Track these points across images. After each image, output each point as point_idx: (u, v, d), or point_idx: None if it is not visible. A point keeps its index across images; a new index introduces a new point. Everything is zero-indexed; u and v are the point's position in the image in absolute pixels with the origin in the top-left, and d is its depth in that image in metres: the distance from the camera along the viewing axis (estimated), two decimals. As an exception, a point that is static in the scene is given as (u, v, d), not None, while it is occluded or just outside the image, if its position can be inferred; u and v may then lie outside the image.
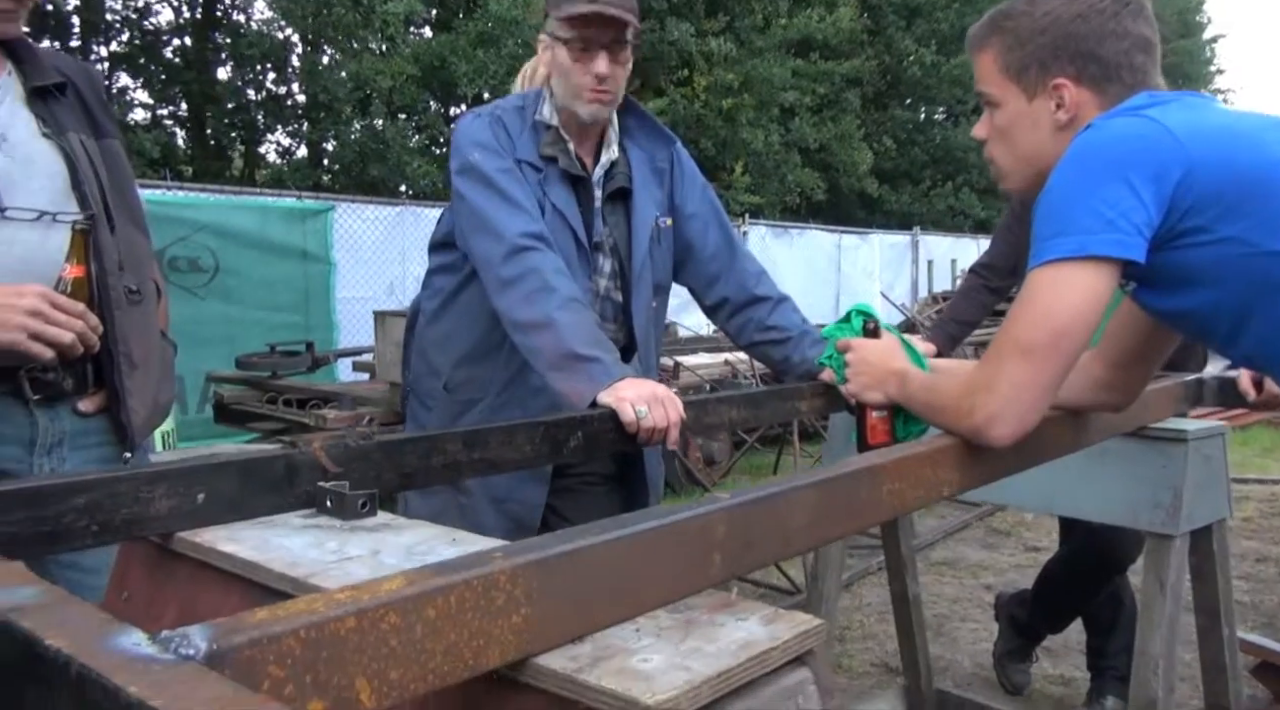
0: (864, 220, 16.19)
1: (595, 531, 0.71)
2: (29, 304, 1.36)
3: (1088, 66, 1.21)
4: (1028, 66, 1.23)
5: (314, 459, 1.12)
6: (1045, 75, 1.22)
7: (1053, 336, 1.08)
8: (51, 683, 0.47)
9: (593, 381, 1.49)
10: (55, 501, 0.90)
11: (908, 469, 1.07)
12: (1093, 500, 1.80)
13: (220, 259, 6.94)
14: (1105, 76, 1.21)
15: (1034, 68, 1.23)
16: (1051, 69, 1.22)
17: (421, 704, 0.71)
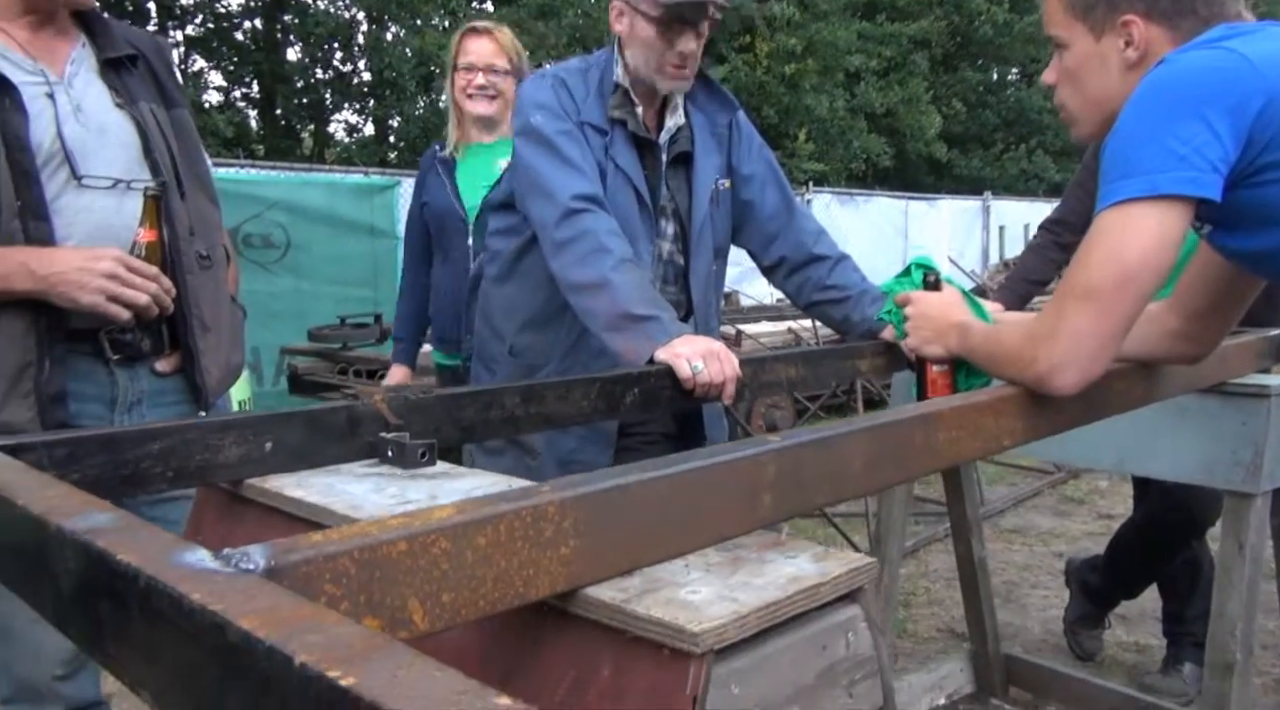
0: (932, 186, 15.80)
1: (643, 469, 0.71)
2: (106, 267, 1.41)
3: (1158, 1, 1.16)
4: (1094, 4, 1.18)
5: (375, 411, 1.15)
6: (1113, 12, 1.17)
7: (1119, 280, 1.04)
8: (123, 595, 0.49)
9: (649, 340, 1.50)
10: (132, 447, 0.95)
11: (967, 417, 1.05)
12: (1167, 458, 1.74)
13: (291, 235, 7.12)
14: (1177, 10, 1.16)
15: (1101, 5, 1.18)
16: (1120, 5, 1.17)
17: (477, 631, 0.73)
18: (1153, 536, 2.47)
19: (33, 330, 1.42)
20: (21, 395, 1.42)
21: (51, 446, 0.89)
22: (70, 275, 1.40)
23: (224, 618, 0.42)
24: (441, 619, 0.58)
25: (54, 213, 1.44)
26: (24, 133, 1.43)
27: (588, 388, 1.40)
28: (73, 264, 1.41)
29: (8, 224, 1.40)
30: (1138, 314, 1.08)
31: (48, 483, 0.67)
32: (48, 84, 1.49)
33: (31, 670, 1.47)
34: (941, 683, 2.56)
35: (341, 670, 0.36)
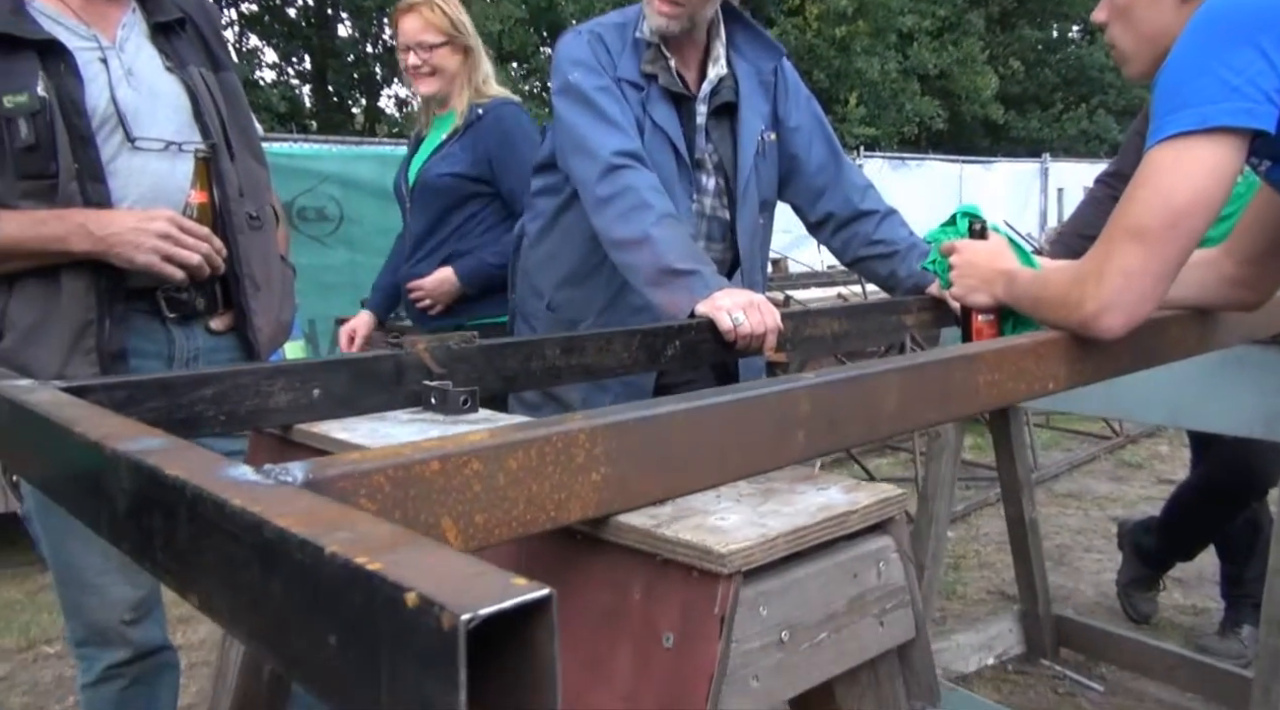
0: (988, 149, 15.41)
1: (676, 401, 0.72)
2: (160, 227, 1.46)
3: None
4: None
5: (419, 360, 1.17)
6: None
7: (1169, 218, 1.02)
8: (172, 506, 0.52)
9: (690, 293, 1.50)
10: (187, 391, 0.98)
11: (1008, 360, 1.03)
12: (1224, 412, 1.70)
13: (344, 208, 7.23)
14: None
15: None
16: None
17: (514, 559, 0.75)
18: (1211, 496, 2.41)
19: (93, 289, 1.48)
20: (84, 353, 1.48)
21: (111, 389, 0.93)
22: (126, 235, 1.44)
23: (262, 517, 0.44)
24: (475, 538, 0.60)
25: (110, 175, 1.49)
26: (80, 97, 1.47)
27: (628, 340, 1.41)
28: (128, 224, 1.45)
29: (66, 186, 1.45)
30: (1188, 254, 1.05)
31: (105, 415, 0.71)
32: (100, 49, 1.53)
33: (101, 615, 1.54)
34: (991, 643, 2.55)
35: (368, 557, 0.37)
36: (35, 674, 2.64)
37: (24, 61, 1.44)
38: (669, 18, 1.72)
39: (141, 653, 1.58)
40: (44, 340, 1.47)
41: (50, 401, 0.76)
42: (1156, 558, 2.68)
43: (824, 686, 0.70)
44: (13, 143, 1.43)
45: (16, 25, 1.45)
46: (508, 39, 10.08)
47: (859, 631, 0.70)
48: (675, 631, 0.64)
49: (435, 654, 0.33)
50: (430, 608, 0.33)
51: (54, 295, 1.47)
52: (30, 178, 1.45)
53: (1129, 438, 4.87)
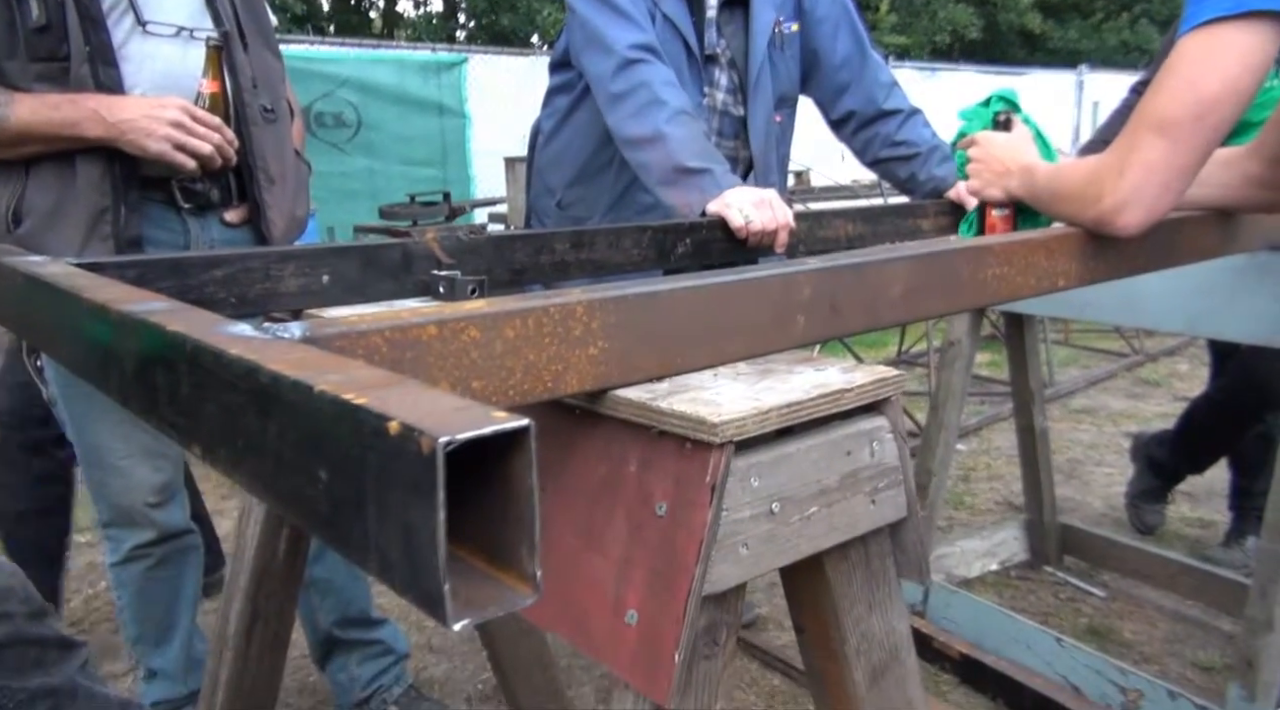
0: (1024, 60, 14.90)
1: (675, 281, 0.72)
2: (171, 115, 1.45)
3: None
4: None
5: (428, 250, 1.17)
6: None
7: (1197, 109, 0.98)
8: (173, 361, 0.53)
9: (702, 192, 1.49)
10: (198, 272, 1.00)
11: (1018, 254, 1.02)
12: (1242, 319, 1.68)
13: (362, 114, 7.16)
14: None
15: None
16: None
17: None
18: (1226, 409, 2.41)
19: (108, 176, 1.48)
20: (100, 239, 1.49)
21: (123, 267, 0.94)
22: (139, 122, 1.44)
23: (256, 363, 0.45)
24: (472, 404, 0.61)
25: (122, 59, 1.48)
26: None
27: (638, 236, 1.40)
28: (141, 111, 1.45)
29: (77, 70, 1.44)
30: (1214, 147, 1.02)
31: (113, 284, 0.72)
32: None
33: (126, 497, 1.60)
34: (995, 549, 2.59)
35: (356, 393, 0.39)
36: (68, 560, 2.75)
37: None
38: None
39: (166, 534, 1.64)
40: (60, 225, 1.49)
41: (62, 273, 0.77)
42: (1168, 469, 2.69)
43: (814, 559, 0.72)
44: (24, 22, 1.42)
45: None
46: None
47: (850, 507, 0.72)
48: (668, 500, 0.65)
49: (417, 479, 0.34)
50: (411, 433, 0.34)
51: (69, 181, 1.48)
52: (42, 60, 1.44)
53: (1148, 356, 4.84)
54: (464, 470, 0.36)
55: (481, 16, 10.08)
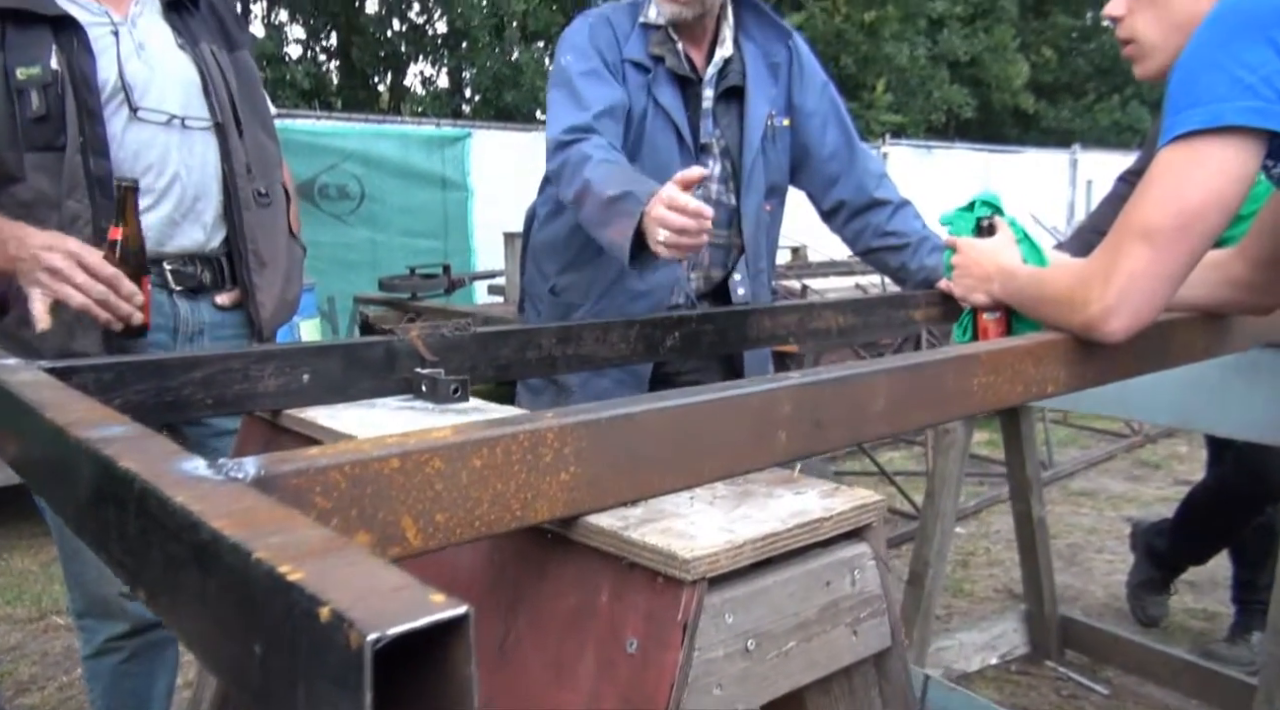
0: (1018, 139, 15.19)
1: (651, 400, 0.71)
2: (51, 262, 1.28)
3: None
4: None
5: (411, 347, 1.16)
6: None
7: (1180, 219, 0.99)
8: (124, 499, 0.51)
9: (628, 216, 1.41)
10: (176, 374, 0.98)
11: (1005, 362, 1.01)
12: (1237, 416, 1.66)
13: (366, 186, 7.26)
14: None
15: None
16: None
17: (487, 556, 0.74)
18: (1225, 500, 2.37)
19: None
20: (89, 325, 1.49)
21: (99, 370, 0.93)
22: (26, 261, 1.30)
23: (200, 518, 0.43)
24: (435, 537, 0.59)
25: (115, 149, 1.50)
26: (91, 71, 1.47)
27: (626, 330, 1.40)
28: (35, 249, 1.29)
29: (71, 159, 1.45)
30: (1199, 257, 1.02)
31: (78, 399, 0.70)
32: (112, 24, 1.53)
33: (100, 587, 1.56)
34: (994, 642, 2.53)
35: (291, 566, 0.37)
36: (45, 644, 2.68)
37: (38, 35, 1.45)
38: (682, 5, 1.70)
39: (140, 627, 1.60)
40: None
41: (29, 383, 0.76)
42: (1168, 560, 2.64)
43: (795, 695, 0.69)
44: (23, 114, 1.43)
45: (32, 0, 1.45)
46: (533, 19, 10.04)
47: (831, 640, 0.69)
48: (639, 637, 0.63)
49: (345, 672, 0.32)
50: (341, 624, 0.32)
51: None
52: (38, 149, 1.45)
53: (1147, 437, 4.81)
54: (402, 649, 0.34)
55: (486, 92, 10.31)
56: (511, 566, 0.74)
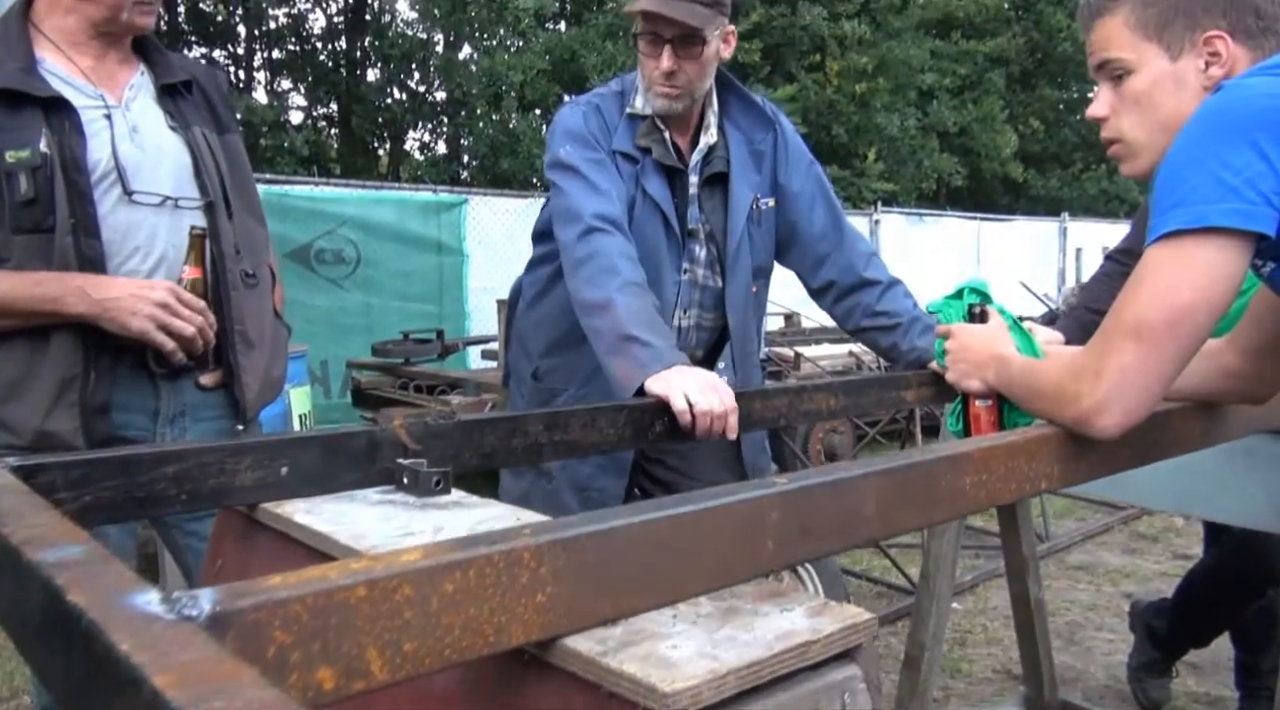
0: (1007, 207, 15.42)
1: (632, 512, 0.69)
2: (159, 296, 1.47)
3: (1244, 18, 1.09)
4: (1170, 21, 1.12)
5: (394, 436, 1.14)
6: (1193, 30, 1.11)
7: (1170, 316, 0.98)
8: (71, 634, 0.49)
9: (644, 366, 1.45)
10: (147, 469, 0.96)
11: (997, 459, 0.99)
12: (1234, 503, 1.64)
13: (362, 251, 7.29)
14: (1262, 30, 1.09)
15: (1179, 21, 1.11)
16: (1202, 22, 1.10)
17: (461, 679, 0.71)
18: (1224, 583, 2.33)
19: (80, 344, 1.47)
20: (67, 406, 1.47)
21: (67, 467, 0.91)
22: (124, 301, 1.45)
23: (141, 674, 0.40)
24: (403, 669, 0.57)
25: (104, 229, 1.49)
26: (81, 153, 1.48)
27: (615, 415, 1.38)
28: (127, 290, 1.46)
29: (61, 240, 1.45)
30: (1190, 355, 1.01)
31: (39, 510, 0.68)
32: (106, 107, 1.54)
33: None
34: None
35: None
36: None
37: (29, 117, 1.46)
38: (671, 99, 1.73)
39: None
40: (26, 394, 1.46)
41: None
42: (1169, 642, 2.59)
43: (782, 827, 0.66)
44: (11, 196, 1.43)
45: (24, 82, 1.46)
46: (530, 89, 10.23)
47: (820, 769, 0.66)
48: (617, 771, 0.60)
49: None
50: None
51: (40, 350, 1.47)
52: (25, 231, 1.45)
53: (1144, 509, 4.76)
54: None
55: (483, 159, 10.46)
56: (488, 690, 0.70)
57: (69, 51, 1.55)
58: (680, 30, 1.68)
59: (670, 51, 1.69)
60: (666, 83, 1.71)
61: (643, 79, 1.75)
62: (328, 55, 12.09)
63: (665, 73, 1.70)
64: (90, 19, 1.53)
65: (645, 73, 1.74)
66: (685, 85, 1.73)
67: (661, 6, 1.65)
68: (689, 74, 1.72)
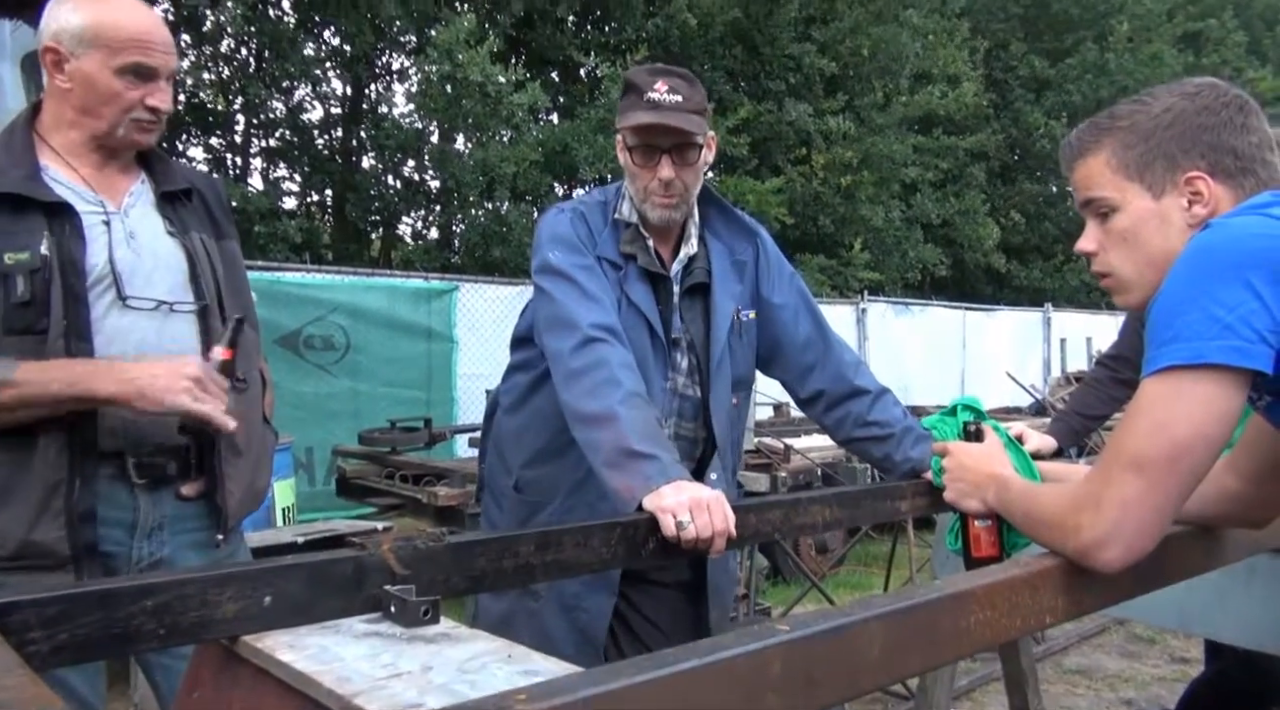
0: (991, 296, 15.64)
1: (629, 671, 0.66)
2: (192, 372, 1.46)
3: (1222, 159, 1.12)
4: (1151, 162, 1.14)
5: (382, 561, 1.11)
6: (1174, 171, 1.13)
7: (1169, 451, 0.98)
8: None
9: (646, 480, 1.42)
10: (126, 603, 0.93)
11: (1001, 595, 0.98)
12: (1236, 623, 1.61)
13: (351, 337, 7.29)
14: (1241, 170, 1.12)
15: (1159, 163, 1.14)
16: (1182, 163, 1.13)
17: None
18: (1227, 698, 2.28)
19: (66, 449, 1.44)
20: (53, 515, 1.43)
21: (42, 605, 0.87)
22: (161, 379, 1.44)
23: None
24: None
25: (95, 332, 1.48)
26: (80, 257, 1.48)
27: (608, 533, 1.35)
28: (161, 368, 1.45)
29: (53, 343, 1.44)
30: (1190, 489, 1.01)
31: (11, 670, 0.65)
32: (105, 213, 1.55)
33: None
34: None
35: None
36: None
37: (31, 221, 1.46)
38: (670, 209, 1.75)
39: None
40: (11, 503, 1.43)
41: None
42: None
43: None
44: (7, 298, 1.43)
45: (28, 187, 1.47)
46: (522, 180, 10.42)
47: None
48: None
49: None
50: None
51: (26, 455, 1.44)
52: (17, 333, 1.44)
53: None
54: None
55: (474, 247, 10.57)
56: None
57: (71, 160, 1.56)
58: (677, 139, 1.70)
59: (668, 160, 1.71)
60: (665, 193, 1.73)
61: (635, 191, 1.76)
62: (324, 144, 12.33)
63: (666, 182, 1.71)
64: (92, 132, 1.55)
65: (640, 184, 1.75)
66: (682, 193, 1.75)
67: (662, 118, 1.68)
68: (685, 182, 1.74)
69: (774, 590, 5.09)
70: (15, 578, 1.38)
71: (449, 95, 9.75)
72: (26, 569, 1.41)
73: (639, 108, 1.70)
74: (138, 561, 1.52)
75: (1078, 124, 3.73)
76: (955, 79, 14.79)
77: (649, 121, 1.69)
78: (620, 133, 1.77)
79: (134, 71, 1.52)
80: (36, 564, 1.42)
